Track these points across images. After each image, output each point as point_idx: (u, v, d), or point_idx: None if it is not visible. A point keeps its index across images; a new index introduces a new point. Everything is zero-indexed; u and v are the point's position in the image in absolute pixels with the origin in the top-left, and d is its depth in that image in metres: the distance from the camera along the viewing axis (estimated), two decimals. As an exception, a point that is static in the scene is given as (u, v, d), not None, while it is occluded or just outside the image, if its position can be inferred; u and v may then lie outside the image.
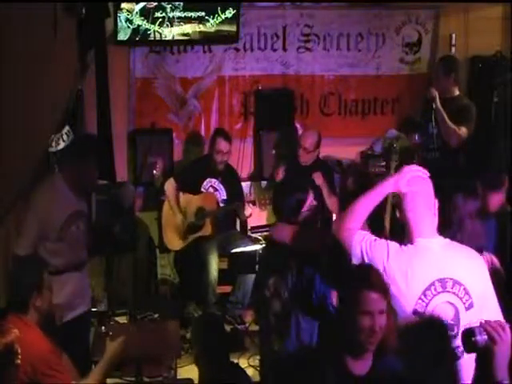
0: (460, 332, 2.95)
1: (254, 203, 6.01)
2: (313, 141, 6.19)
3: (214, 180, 6.20)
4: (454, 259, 3.17)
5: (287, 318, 3.82)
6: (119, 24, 6.16)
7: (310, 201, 4.05)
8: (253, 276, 5.64)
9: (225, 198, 6.22)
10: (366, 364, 2.87)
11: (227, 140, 6.15)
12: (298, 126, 6.83)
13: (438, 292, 3.11)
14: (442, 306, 3.10)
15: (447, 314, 3.11)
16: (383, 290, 2.89)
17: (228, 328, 5.84)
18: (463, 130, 5.93)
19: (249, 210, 6.06)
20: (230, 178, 6.28)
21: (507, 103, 6.49)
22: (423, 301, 3.11)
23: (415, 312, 3.11)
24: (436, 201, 3.25)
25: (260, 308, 4.05)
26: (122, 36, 6.23)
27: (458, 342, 3.02)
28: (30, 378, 3.46)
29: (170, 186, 6.09)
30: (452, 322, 3.11)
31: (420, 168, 3.30)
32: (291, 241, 3.89)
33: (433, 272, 3.12)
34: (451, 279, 3.11)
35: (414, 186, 3.22)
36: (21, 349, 3.28)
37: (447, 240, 3.24)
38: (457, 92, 6.16)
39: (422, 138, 6.16)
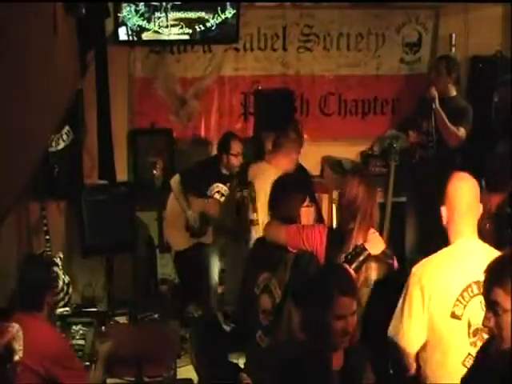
0: None
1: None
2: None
3: (221, 185, 6.16)
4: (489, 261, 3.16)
5: (278, 315, 3.83)
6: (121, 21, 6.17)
7: (308, 201, 4.05)
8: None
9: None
10: (339, 359, 3.01)
11: (240, 141, 6.11)
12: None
13: (475, 294, 3.10)
14: (478, 309, 3.07)
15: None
16: (355, 292, 3.02)
17: (228, 328, 5.84)
18: (462, 131, 5.94)
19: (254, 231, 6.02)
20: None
21: (507, 103, 6.49)
22: (461, 303, 3.11)
23: (453, 315, 3.12)
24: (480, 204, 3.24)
25: (248, 305, 4.03)
26: (122, 36, 6.23)
27: None
28: (48, 375, 3.57)
29: (176, 183, 6.04)
30: None
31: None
32: (288, 240, 3.87)
33: (470, 273, 3.11)
34: None
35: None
36: (38, 346, 3.48)
37: (484, 243, 3.24)
38: (454, 92, 6.17)
39: (419, 136, 6.17)
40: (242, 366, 3.97)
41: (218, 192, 6.16)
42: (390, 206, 6.10)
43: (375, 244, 3.71)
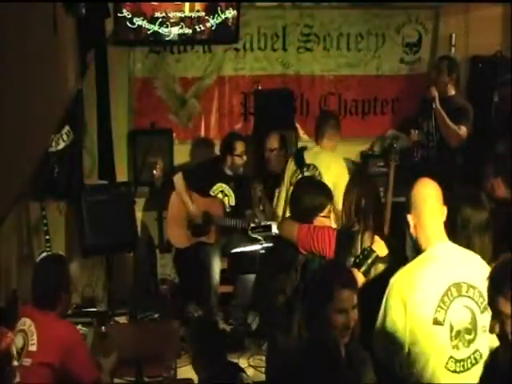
0: (477, 336, 3.05)
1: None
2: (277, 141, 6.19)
3: (224, 185, 6.18)
4: (464, 263, 3.18)
5: (290, 316, 3.84)
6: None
7: (326, 211, 4.07)
8: (253, 276, 5.64)
9: (233, 204, 6.20)
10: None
11: (244, 141, 6.18)
12: (298, 126, 6.84)
13: (455, 297, 3.11)
14: (459, 311, 3.10)
15: (464, 319, 3.11)
16: (354, 285, 3.04)
17: (228, 328, 5.84)
18: (463, 130, 5.93)
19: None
20: (242, 185, 6.25)
21: (507, 103, 6.49)
22: (442, 308, 3.10)
23: (436, 321, 3.10)
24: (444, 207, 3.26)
25: (265, 304, 4.06)
26: (122, 36, 6.23)
27: (477, 345, 3.07)
28: (63, 367, 3.64)
29: (179, 180, 6.05)
30: (469, 327, 3.11)
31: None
32: (299, 239, 3.89)
33: (447, 277, 3.12)
34: (465, 283, 3.12)
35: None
36: (53, 339, 3.60)
37: (454, 244, 3.24)
38: (453, 91, 6.16)
39: (420, 135, 6.16)
40: (243, 366, 3.99)
41: (221, 192, 6.17)
42: (390, 206, 6.10)
43: (381, 246, 3.72)
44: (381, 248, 3.71)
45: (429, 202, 3.23)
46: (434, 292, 3.11)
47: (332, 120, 5.82)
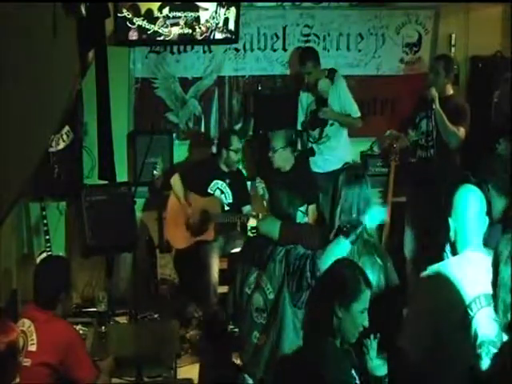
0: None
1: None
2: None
3: (221, 182, 6.19)
4: None
5: (272, 312, 3.82)
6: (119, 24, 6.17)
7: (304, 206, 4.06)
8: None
9: (231, 201, 6.20)
10: None
11: (240, 137, 6.21)
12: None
13: (483, 306, 3.09)
14: (485, 322, 3.08)
15: (490, 332, 3.08)
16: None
17: (229, 328, 5.84)
18: (462, 131, 5.93)
19: (252, 222, 6.01)
20: (237, 181, 6.26)
21: (507, 103, 6.48)
22: (469, 314, 3.10)
23: (461, 324, 3.10)
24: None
25: (240, 306, 4.02)
26: (123, 36, 6.23)
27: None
28: (62, 365, 3.65)
29: (176, 181, 6.06)
30: (495, 340, 3.08)
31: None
32: (283, 236, 3.88)
33: (479, 285, 3.10)
34: None
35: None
36: (52, 337, 3.63)
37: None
38: (451, 91, 6.15)
39: (417, 135, 6.16)
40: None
41: (218, 188, 6.19)
42: (390, 206, 6.11)
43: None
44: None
45: (473, 209, 3.24)
46: (463, 295, 3.10)
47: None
